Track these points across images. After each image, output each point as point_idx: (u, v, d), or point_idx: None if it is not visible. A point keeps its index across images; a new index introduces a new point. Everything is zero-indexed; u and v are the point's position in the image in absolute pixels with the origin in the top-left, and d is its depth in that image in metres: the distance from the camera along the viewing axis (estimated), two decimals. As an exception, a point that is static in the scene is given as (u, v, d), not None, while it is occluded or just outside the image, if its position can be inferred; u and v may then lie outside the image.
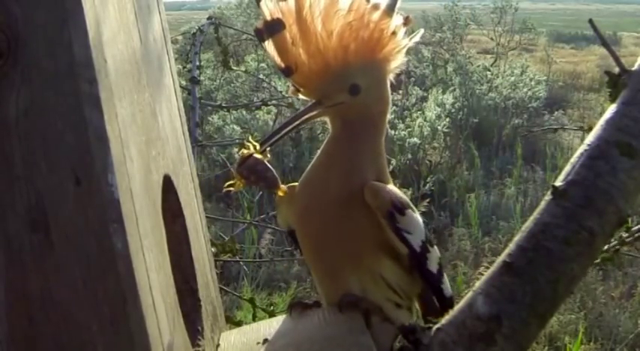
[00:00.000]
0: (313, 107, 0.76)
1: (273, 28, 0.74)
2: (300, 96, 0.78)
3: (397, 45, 0.77)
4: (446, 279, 0.82)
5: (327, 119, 0.80)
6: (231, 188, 0.73)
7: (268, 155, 0.75)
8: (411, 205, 0.79)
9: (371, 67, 0.76)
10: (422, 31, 0.82)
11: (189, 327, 0.69)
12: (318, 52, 0.73)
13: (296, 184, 0.82)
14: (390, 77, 0.80)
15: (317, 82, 0.74)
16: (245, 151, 0.73)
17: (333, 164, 0.78)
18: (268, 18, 0.75)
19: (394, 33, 0.77)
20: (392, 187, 0.79)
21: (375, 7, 0.75)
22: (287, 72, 0.75)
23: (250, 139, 0.75)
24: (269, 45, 0.76)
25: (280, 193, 0.75)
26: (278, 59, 0.75)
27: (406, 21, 0.78)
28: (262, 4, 0.76)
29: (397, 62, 0.79)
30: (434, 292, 0.80)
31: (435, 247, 0.81)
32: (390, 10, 0.76)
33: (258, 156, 0.73)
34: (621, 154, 0.72)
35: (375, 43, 0.75)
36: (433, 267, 0.79)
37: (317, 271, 0.82)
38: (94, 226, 0.48)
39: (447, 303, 0.79)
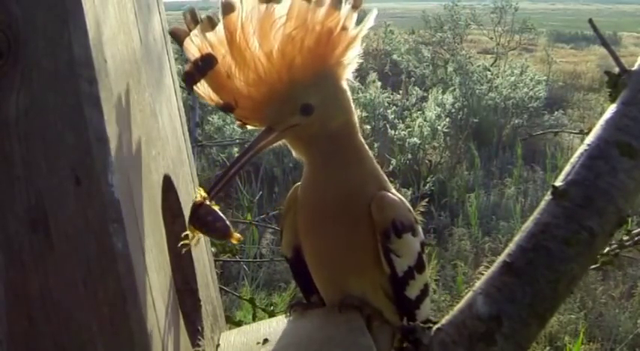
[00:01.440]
0: (265, 135, 0.69)
1: (205, 65, 0.64)
2: (250, 127, 0.71)
3: (349, 40, 0.69)
4: (427, 303, 0.80)
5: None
6: (187, 241, 0.66)
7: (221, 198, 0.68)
8: (415, 227, 0.76)
9: (323, 79, 0.69)
10: (375, 11, 0.71)
11: (189, 327, 0.69)
12: (259, 79, 0.65)
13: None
14: (349, 79, 0.73)
15: (264, 109, 0.67)
16: (195, 201, 0.65)
17: (327, 188, 0.74)
18: (197, 55, 0.65)
19: (344, 27, 0.68)
20: (401, 201, 0.76)
21: (319, 2, 0.66)
22: (227, 109, 0.67)
23: (199, 187, 0.66)
24: (202, 86, 0.67)
25: (234, 241, 0.67)
26: (215, 97, 0.67)
27: (355, 3, 0.69)
28: (186, 43, 0.65)
29: (352, 59, 0.71)
30: (405, 314, 0.78)
31: (426, 272, 0.78)
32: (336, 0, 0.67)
33: (209, 204, 0.65)
34: (621, 154, 0.72)
35: (324, 48, 0.67)
36: (412, 293, 0.77)
37: (319, 278, 0.81)
38: (94, 226, 0.48)
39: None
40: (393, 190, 0.78)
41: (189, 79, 0.66)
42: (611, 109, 0.76)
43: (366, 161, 0.76)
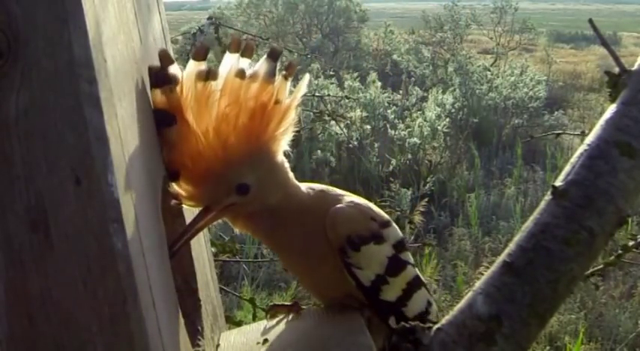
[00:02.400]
0: (203, 215, 0.67)
1: (160, 120, 0.63)
2: (185, 206, 0.70)
3: (283, 112, 0.68)
4: (416, 299, 0.79)
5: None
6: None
7: None
8: (379, 234, 0.75)
9: (258, 157, 0.67)
10: (307, 76, 0.70)
11: (189, 327, 0.69)
12: (198, 156, 0.63)
13: None
14: (285, 150, 0.71)
15: (200, 188, 0.65)
16: None
17: (282, 245, 0.76)
18: (153, 107, 0.63)
19: (277, 101, 0.66)
20: (358, 211, 0.75)
21: (253, 77, 0.65)
22: (173, 176, 0.65)
23: None
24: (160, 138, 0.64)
25: None
26: (166, 159, 0.64)
27: (289, 70, 0.67)
28: (152, 92, 0.63)
29: (287, 129, 0.69)
30: (388, 315, 0.78)
31: (406, 272, 0.77)
32: (270, 73, 0.65)
33: None
34: (621, 154, 0.72)
35: (258, 125, 0.66)
36: (390, 296, 0.76)
37: (307, 289, 0.85)
38: (94, 226, 0.48)
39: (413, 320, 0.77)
40: (351, 198, 0.77)
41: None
42: (611, 109, 0.76)
43: (308, 202, 0.75)
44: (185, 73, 0.63)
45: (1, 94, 0.47)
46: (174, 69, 0.63)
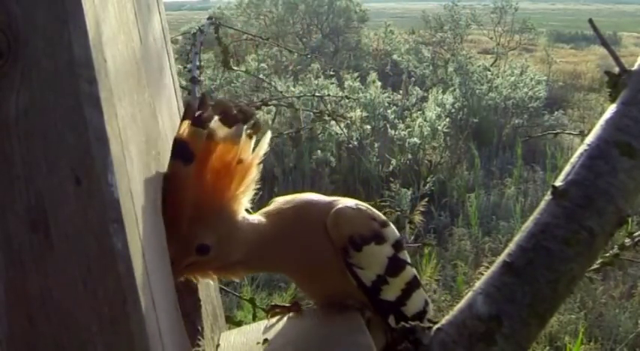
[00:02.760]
0: (173, 269, 0.65)
1: (180, 152, 0.63)
2: None
3: (246, 172, 0.68)
4: (415, 298, 0.80)
5: None
6: None
7: None
8: (380, 234, 0.76)
9: (219, 217, 0.67)
10: (269, 134, 0.70)
11: (189, 327, 0.69)
12: (169, 213, 0.63)
13: None
14: (246, 206, 0.71)
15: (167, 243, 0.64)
16: None
17: (277, 264, 0.77)
18: (175, 139, 0.64)
19: (240, 160, 0.66)
20: (358, 211, 0.76)
21: (222, 138, 0.65)
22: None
23: None
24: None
25: None
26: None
27: (254, 129, 0.67)
28: (183, 124, 0.64)
29: (248, 188, 0.70)
30: (388, 314, 0.78)
31: (405, 272, 0.78)
32: (237, 135, 0.65)
33: None
34: (621, 154, 0.72)
35: (220, 185, 0.66)
36: (390, 295, 0.77)
37: (304, 292, 0.84)
38: (94, 226, 0.48)
39: (412, 319, 0.78)
40: (345, 200, 0.78)
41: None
42: (611, 109, 0.76)
43: (290, 220, 0.74)
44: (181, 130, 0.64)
45: (1, 94, 0.47)
46: (210, 116, 0.64)
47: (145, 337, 0.50)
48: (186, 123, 0.64)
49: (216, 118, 0.64)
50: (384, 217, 0.80)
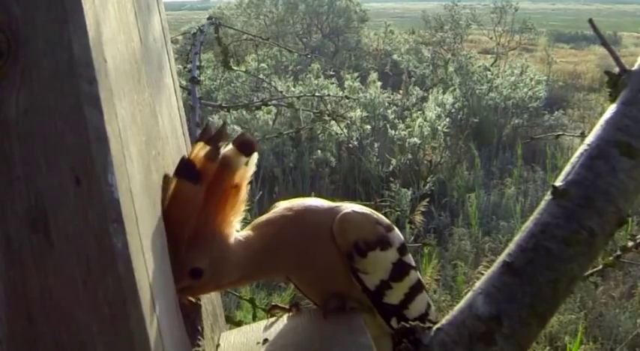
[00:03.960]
0: None
1: (186, 172, 0.64)
2: None
3: (238, 196, 0.68)
4: (417, 302, 0.80)
5: None
6: None
7: None
8: (385, 239, 0.76)
9: (212, 241, 0.67)
10: (256, 156, 0.69)
11: (189, 327, 0.69)
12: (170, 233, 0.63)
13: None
14: (237, 229, 0.71)
15: None
16: None
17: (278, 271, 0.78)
18: (185, 160, 0.65)
19: (236, 185, 0.67)
20: (363, 217, 0.76)
21: (224, 166, 0.65)
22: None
23: None
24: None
25: None
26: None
27: (249, 150, 0.67)
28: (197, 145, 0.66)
29: (239, 212, 0.70)
30: (390, 317, 0.79)
31: (409, 277, 0.78)
32: (238, 164, 0.66)
33: None
34: (621, 154, 0.72)
35: (214, 209, 0.66)
36: (393, 300, 0.78)
37: (306, 294, 0.84)
38: (94, 226, 0.48)
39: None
40: (349, 205, 0.78)
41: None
42: (611, 109, 0.76)
43: (292, 225, 0.75)
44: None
45: (1, 94, 0.47)
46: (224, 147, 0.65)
47: (145, 336, 0.50)
48: (201, 145, 0.64)
49: (231, 146, 0.65)
50: (388, 221, 0.80)
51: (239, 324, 1.21)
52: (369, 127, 5.46)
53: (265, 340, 0.76)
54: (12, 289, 0.48)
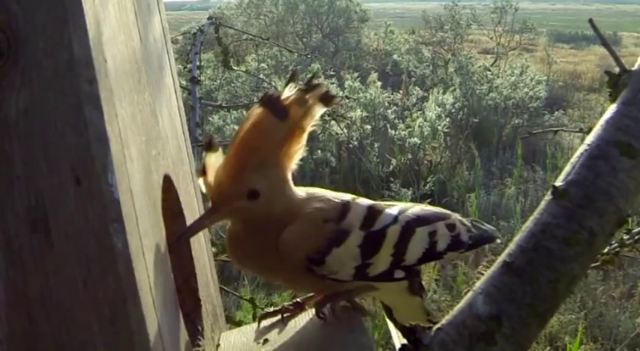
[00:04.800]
0: (209, 214, 0.70)
1: (275, 108, 0.69)
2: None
3: (302, 138, 0.72)
4: (412, 246, 0.74)
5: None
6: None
7: None
8: (338, 234, 0.71)
9: (274, 167, 0.71)
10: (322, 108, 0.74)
11: (189, 327, 0.69)
12: (226, 160, 0.69)
13: None
14: (294, 167, 0.74)
15: (215, 187, 0.69)
16: None
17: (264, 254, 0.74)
18: (276, 96, 0.70)
19: (302, 128, 0.71)
20: (309, 224, 0.72)
21: (316, 113, 0.71)
22: (200, 172, 0.71)
23: None
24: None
25: None
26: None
27: (330, 101, 0.73)
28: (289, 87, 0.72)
29: (300, 150, 0.73)
30: (396, 270, 0.74)
31: (385, 244, 0.72)
32: (321, 101, 0.72)
33: None
34: (621, 154, 0.72)
35: (281, 140, 0.70)
36: (380, 269, 0.72)
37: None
38: (94, 226, 0.48)
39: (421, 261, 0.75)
40: (310, 206, 0.74)
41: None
42: (611, 109, 0.76)
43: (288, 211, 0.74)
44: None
45: (1, 94, 0.47)
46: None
47: (145, 336, 0.50)
48: (292, 86, 0.71)
49: (315, 94, 0.71)
50: (345, 198, 0.76)
51: (239, 324, 1.21)
52: (369, 127, 5.46)
53: (265, 340, 0.76)
54: (12, 289, 0.48)
